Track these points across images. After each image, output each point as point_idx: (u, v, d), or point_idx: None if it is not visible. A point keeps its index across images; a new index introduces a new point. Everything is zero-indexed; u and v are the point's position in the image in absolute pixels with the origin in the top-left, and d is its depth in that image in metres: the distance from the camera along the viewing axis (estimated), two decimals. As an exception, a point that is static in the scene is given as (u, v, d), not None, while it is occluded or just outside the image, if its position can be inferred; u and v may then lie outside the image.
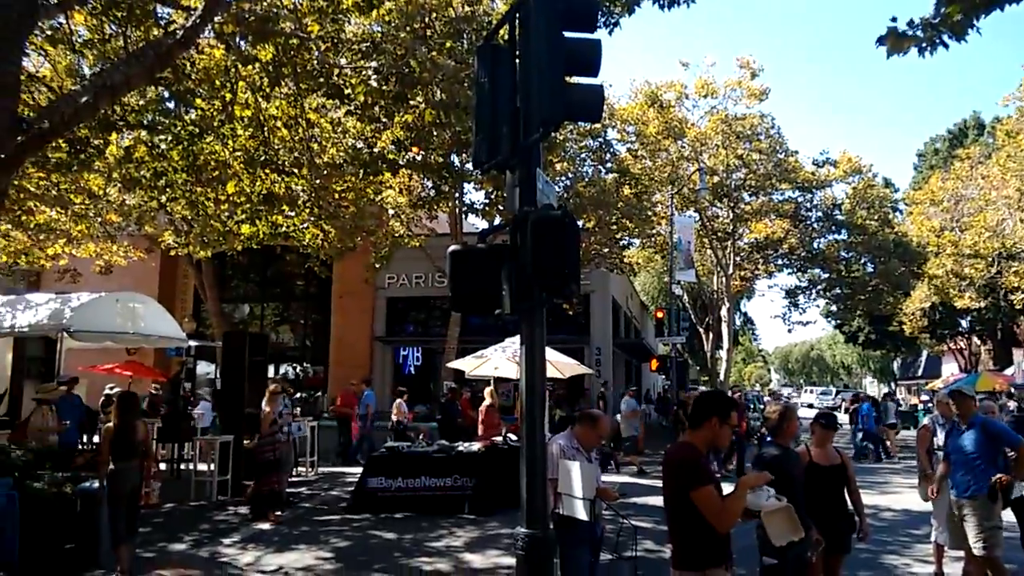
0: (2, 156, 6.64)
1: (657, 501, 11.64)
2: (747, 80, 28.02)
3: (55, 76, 11.75)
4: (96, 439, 12.70)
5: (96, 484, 7.27)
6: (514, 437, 11.82)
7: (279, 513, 10.08)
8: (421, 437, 13.94)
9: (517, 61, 4.67)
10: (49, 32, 10.07)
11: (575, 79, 4.49)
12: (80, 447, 12.63)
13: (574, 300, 20.18)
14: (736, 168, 28.27)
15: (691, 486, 3.52)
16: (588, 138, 20.22)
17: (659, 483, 11.98)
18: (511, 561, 8.08)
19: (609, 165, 21.37)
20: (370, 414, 16.52)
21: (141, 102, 10.90)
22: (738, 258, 31.12)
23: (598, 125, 19.57)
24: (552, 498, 4.62)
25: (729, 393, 19.15)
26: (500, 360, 13.74)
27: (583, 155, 20.97)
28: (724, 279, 30.73)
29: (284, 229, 14.06)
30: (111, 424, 7.19)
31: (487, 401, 14.29)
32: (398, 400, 16.26)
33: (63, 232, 14.76)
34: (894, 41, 4.96)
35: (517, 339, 13.48)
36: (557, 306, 19.01)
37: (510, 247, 4.41)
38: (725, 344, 32.29)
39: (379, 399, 19.06)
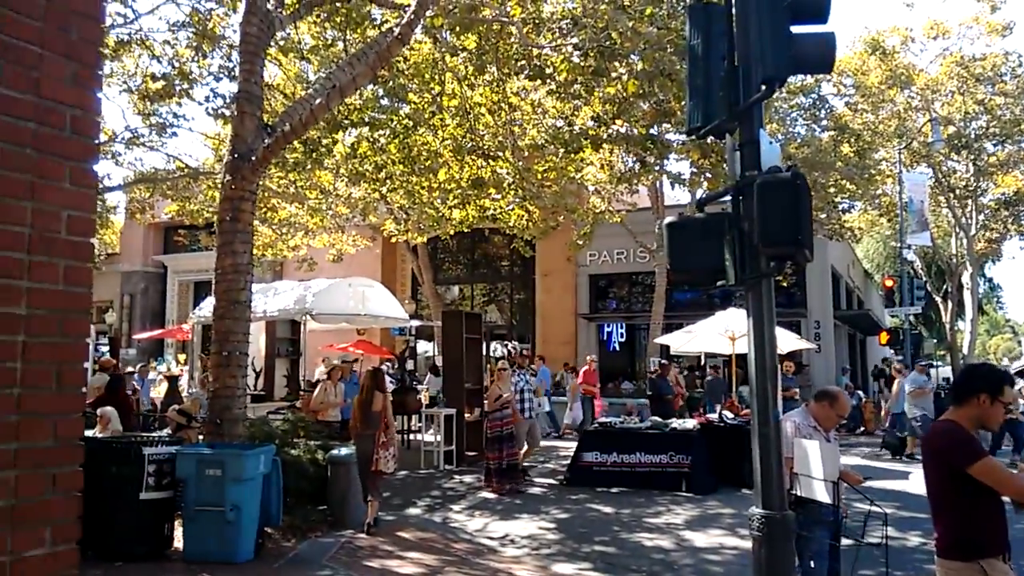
0: (253, 158, 7.47)
1: (895, 485, 10.71)
2: (986, 15, 24.61)
3: (286, 83, 13.05)
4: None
5: (344, 451, 8.02)
6: (729, 415, 11.42)
7: (507, 486, 10.28)
8: (631, 414, 13.91)
9: (733, 16, 4.39)
10: (281, 43, 11.17)
11: (800, 28, 4.14)
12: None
13: (788, 271, 19.04)
14: (976, 115, 24.99)
15: (968, 462, 3.17)
16: (800, 95, 18.86)
17: (897, 466, 11.06)
18: (736, 542, 7.84)
19: (824, 122, 19.79)
20: (544, 388, 17.06)
21: (359, 102, 11.77)
22: (982, 217, 27.57)
23: (811, 80, 18.18)
24: (788, 478, 4.36)
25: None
26: (710, 335, 13.29)
27: (794, 114, 19.60)
28: (965, 241, 27.40)
29: (491, 212, 14.60)
30: (357, 396, 7.93)
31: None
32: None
33: (301, 225, 16.41)
34: None
35: (727, 313, 12.98)
36: (769, 277, 18.01)
37: (732, 214, 4.19)
38: (968, 314, 28.87)
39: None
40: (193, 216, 15.42)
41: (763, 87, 4.08)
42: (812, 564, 4.59)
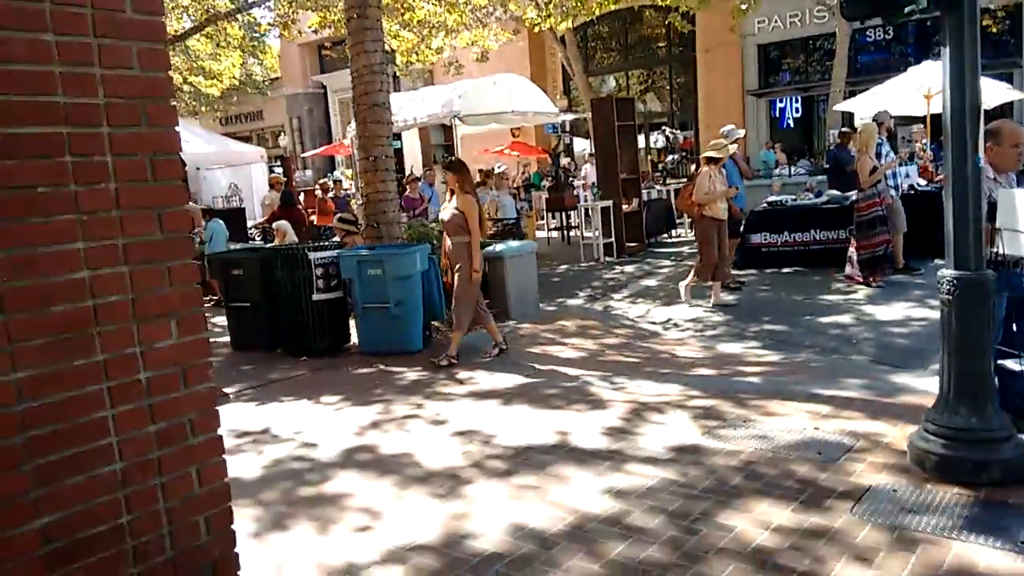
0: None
1: None
2: None
3: None
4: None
5: (499, 247, 8.03)
6: (922, 181, 10.20)
7: (878, 278, 8.59)
8: (807, 191, 12.87)
9: None
10: None
11: None
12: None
13: (994, 15, 15.96)
14: None
15: None
16: None
17: None
18: (925, 312, 7.18)
19: None
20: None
21: None
22: None
23: None
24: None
25: None
26: (900, 95, 11.64)
27: None
28: None
29: (641, -20, 13.15)
30: None
31: None
32: None
33: (441, 24, 15.78)
34: None
35: (921, 68, 11.21)
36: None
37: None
38: None
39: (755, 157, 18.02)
40: (336, 26, 15.21)
41: None
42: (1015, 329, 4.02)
